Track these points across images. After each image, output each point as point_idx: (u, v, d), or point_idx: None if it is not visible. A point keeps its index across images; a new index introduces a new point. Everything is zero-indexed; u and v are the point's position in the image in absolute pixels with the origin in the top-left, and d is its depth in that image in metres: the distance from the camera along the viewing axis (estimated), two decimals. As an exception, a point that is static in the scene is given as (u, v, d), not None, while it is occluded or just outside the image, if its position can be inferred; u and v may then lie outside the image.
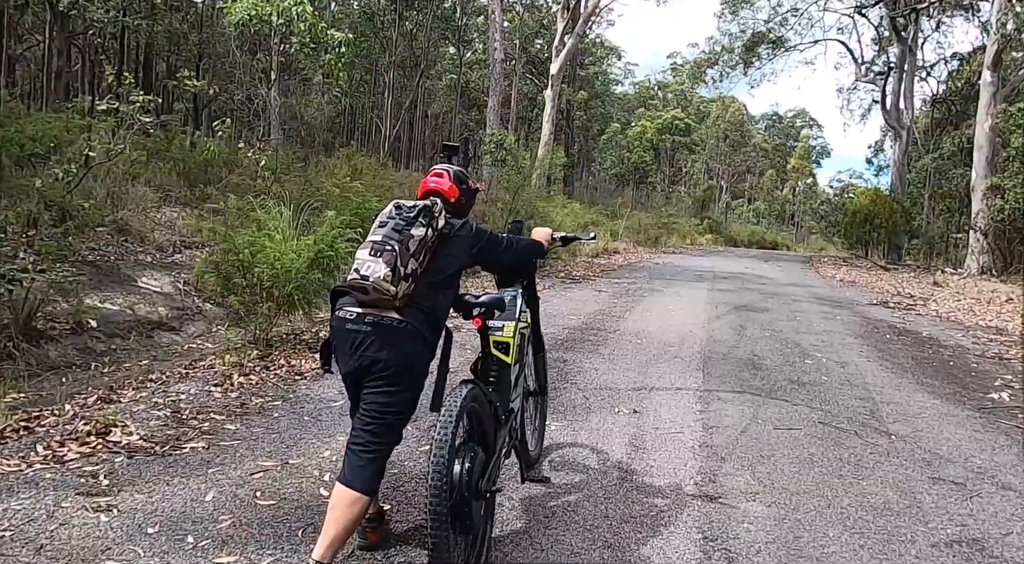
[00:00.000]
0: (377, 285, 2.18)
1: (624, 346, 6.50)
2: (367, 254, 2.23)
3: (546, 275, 12.00)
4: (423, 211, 2.33)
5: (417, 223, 2.30)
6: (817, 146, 72.29)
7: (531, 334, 3.22)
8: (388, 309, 2.26)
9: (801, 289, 12.38)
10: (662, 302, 9.53)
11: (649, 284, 11.67)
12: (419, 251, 2.28)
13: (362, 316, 2.26)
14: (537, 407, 3.49)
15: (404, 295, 2.24)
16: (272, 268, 5.54)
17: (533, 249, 3.02)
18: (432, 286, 2.35)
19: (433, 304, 2.35)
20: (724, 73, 36.73)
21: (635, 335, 7.07)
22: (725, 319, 8.31)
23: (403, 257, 2.22)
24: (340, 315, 2.31)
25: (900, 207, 28.97)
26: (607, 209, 29.19)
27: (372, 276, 2.18)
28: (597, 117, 53.52)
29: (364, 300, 2.27)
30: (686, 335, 7.17)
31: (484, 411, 2.49)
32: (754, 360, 6.17)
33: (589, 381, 5.18)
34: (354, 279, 2.22)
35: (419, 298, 2.30)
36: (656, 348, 6.47)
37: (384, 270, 2.18)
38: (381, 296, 2.22)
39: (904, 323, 9.01)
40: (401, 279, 2.22)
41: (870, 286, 13.97)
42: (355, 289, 2.25)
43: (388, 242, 2.23)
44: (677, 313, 8.60)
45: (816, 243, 58.35)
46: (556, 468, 3.51)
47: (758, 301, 10.15)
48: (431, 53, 42.19)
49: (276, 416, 4.04)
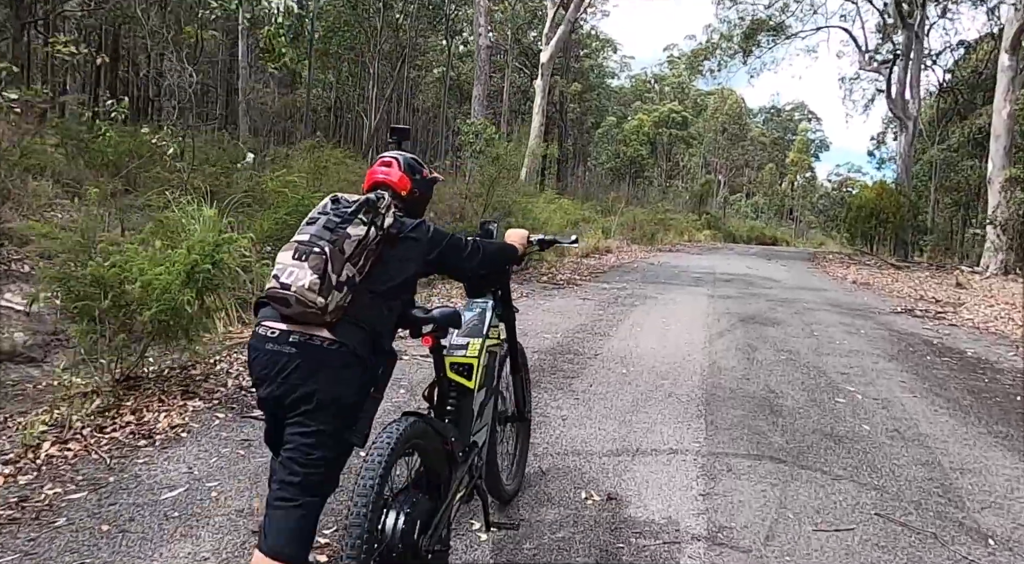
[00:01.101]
0: (301, 296, 1.79)
1: (605, 379, 5.13)
2: (290, 257, 1.85)
3: (526, 280, 10.64)
4: (365, 205, 1.95)
5: (356, 220, 1.91)
6: (816, 139, 71.22)
7: (506, 352, 2.80)
8: (318, 326, 1.85)
9: (812, 294, 11.01)
10: (656, 314, 8.16)
11: (642, 289, 10.30)
12: (357, 254, 1.90)
13: (286, 334, 1.86)
14: (518, 436, 3.07)
15: (337, 308, 1.85)
16: (142, 286, 4.18)
17: (504, 255, 2.58)
18: (375, 297, 1.96)
19: (375, 320, 1.95)
20: (722, 62, 35.38)
21: (620, 361, 5.70)
22: (730, 336, 6.94)
23: (335, 262, 1.84)
24: (259, 332, 1.90)
25: (908, 201, 27.69)
26: (600, 205, 27.84)
27: (295, 285, 1.80)
28: (592, 110, 52.32)
29: (287, 314, 1.86)
30: (683, 361, 5.80)
31: (432, 449, 2.09)
32: (771, 399, 4.80)
33: (552, 439, 3.81)
34: (273, 288, 1.83)
35: (357, 312, 1.90)
36: (646, 381, 5.10)
37: (310, 278, 1.80)
38: (306, 309, 1.81)
39: (940, 338, 7.65)
40: (333, 288, 1.82)
41: (887, 289, 12.61)
42: (275, 300, 1.85)
43: (317, 243, 1.84)
44: (673, 329, 7.23)
45: (815, 238, 57.21)
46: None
47: (766, 310, 8.78)
48: (418, 42, 40.84)
49: (59, 525, 2.66)
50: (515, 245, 2.64)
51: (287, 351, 1.84)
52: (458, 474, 2.23)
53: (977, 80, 33.11)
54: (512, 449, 3.05)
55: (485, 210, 10.41)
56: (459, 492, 2.25)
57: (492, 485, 2.72)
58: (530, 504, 3.01)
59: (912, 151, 29.41)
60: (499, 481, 2.78)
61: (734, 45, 33.89)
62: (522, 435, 3.10)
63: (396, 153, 2.28)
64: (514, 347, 2.89)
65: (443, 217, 11.42)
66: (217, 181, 8.86)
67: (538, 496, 3.10)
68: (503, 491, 2.84)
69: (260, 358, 1.87)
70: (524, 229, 2.75)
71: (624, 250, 18.41)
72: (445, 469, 2.15)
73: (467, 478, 2.32)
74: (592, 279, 11.49)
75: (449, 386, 2.34)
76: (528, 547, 2.66)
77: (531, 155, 24.01)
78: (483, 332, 2.48)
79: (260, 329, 1.90)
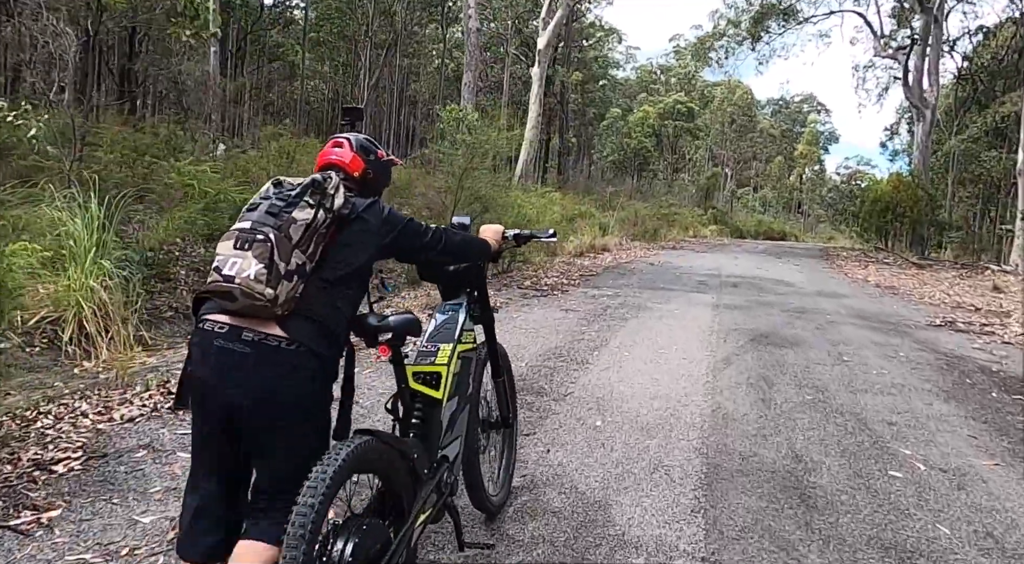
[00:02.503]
0: (247, 287, 1.61)
1: (569, 439, 3.75)
2: (231, 247, 1.66)
3: (505, 285, 9.28)
4: (311, 187, 1.77)
5: (301, 203, 1.73)
6: (825, 132, 69.62)
7: (485, 357, 2.60)
8: (267, 321, 1.68)
9: (833, 302, 9.59)
10: (649, 331, 6.77)
11: (636, 297, 8.90)
12: (305, 240, 1.72)
13: (236, 329, 1.67)
14: (504, 443, 2.91)
15: (288, 299, 1.67)
16: None
17: (472, 248, 2.35)
18: (327, 286, 1.77)
19: (328, 311, 1.76)
20: (730, 50, 33.80)
21: (596, 406, 4.32)
22: (739, 364, 5.55)
23: (282, 249, 1.66)
24: (205, 327, 1.70)
25: (926, 194, 26.17)
26: (600, 199, 26.42)
27: (239, 276, 1.62)
28: (596, 102, 50.89)
29: (233, 309, 1.67)
30: (679, 404, 4.42)
31: (393, 468, 1.88)
32: (798, 474, 3.42)
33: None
34: (215, 281, 1.65)
35: (308, 303, 1.72)
36: (625, 443, 3.72)
37: (255, 267, 1.62)
38: (254, 302, 1.62)
39: (998, 362, 6.23)
40: (282, 278, 1.65)
41: (915, 293, 11.17)
42: (218, 295, 1.66)
43: (260, 230, 1.66)
44: (668, 353, 5.84)
45: (825, 232, 55.62)
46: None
47: (782, 325, 7.37)
48: (414, 31, 39.44)
49: None
50: (487, 240, 2.48)
51: (240, 350, 1.67)
52: (423, 493, 2.04)
53: (997, 67, 31.52)
54: (497, 458, 2.90)
55: (456, 205, 9.02)
56: (424, 512, 2.06)
57: (477, 498, 2.60)
58: None
59: (930, 141, 27.89)
60: (484, 493, 2.60)
61: (742, 31, 32.31)
62: (508, 442, 2.95)
63: (349, 134, 2.11)
64: (494, 350, 2.71)
65: (419, 213, 10.09)
66: (132, 172, 7.55)
67: None
68: (489, 503, 2.66)
69: (208, 358, 1.69)
70: (499, 224, 2.64)
71: (623, 248, 17.00)
72: (409, 489, 1.97)
73: (434, 497, 2.15)
74: (582, 283, 10.10)
75: (413, 397, 2.15)
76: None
77: (529, 146, 22.69)
78: (455, 336, 2.32)
79: (205, 325, 1.71)
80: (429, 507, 2.10)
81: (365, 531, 1.73)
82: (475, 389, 2.49)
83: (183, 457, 3.27)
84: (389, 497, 1.93)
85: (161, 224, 6.28)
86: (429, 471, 2.11)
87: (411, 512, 1.96)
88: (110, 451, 3.31)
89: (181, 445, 3.41)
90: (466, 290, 2.54)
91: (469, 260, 2.44)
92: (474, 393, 2.49)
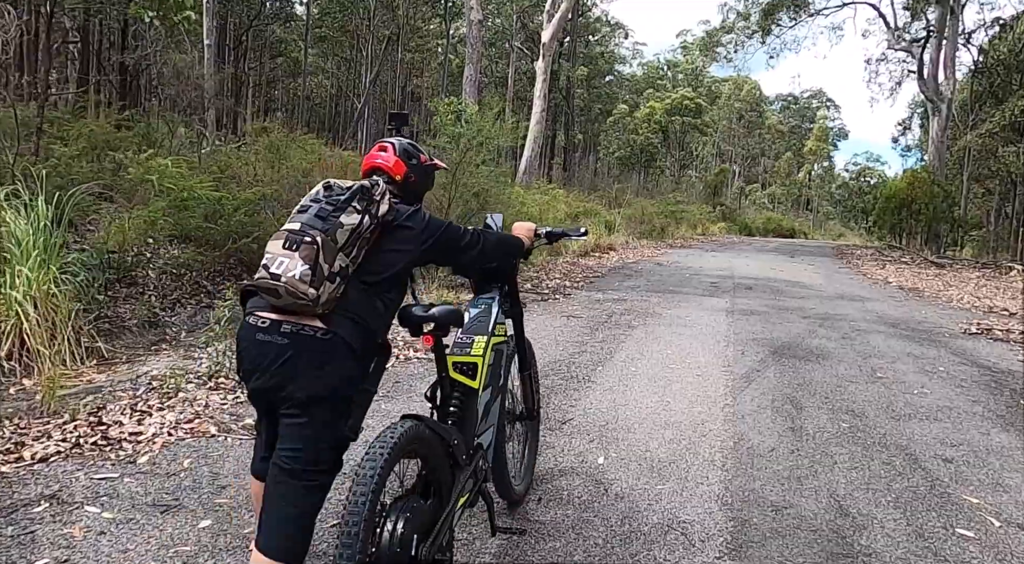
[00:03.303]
0: (292, 287, 1.68)
1: (568, 481, 3.12)
2: (280, 247, 1.74)
3: (503, 288, 8.60)
4: (358, 192, 1.85)
5: (349, 208, 1.81)
6: (834, 128, 68.68)
7: (514, 350, 2.70)
8: (309, 316, 1.74)
9: (856, 306, 8.93)
10: (659, 342, 6.14)
11: (644, 302, 8.27)
12: (350, 244, 1.79)
13: (277, 324, 1.76)
14: (527, 435, 3.00)
15: (329, 299, 1.74)
16: None
17: (507, 247, 2.40)
18: (368, 288, 1.86)
19: (368, 311, 1.84)
20: (739, 44, 33.04)
21: (598, 437, 3.70)
22: (761, 383, 4.91)
23: (327, 251, 1.73)
24: (249, 321, 1.80)
25: (942, 191, 25.40)
26: (606, 196, 25.76)
27: (285, 275, 1.69)
28: (602, 98, 50.17)
29: (277, 305, 1.75)
30: (695, 435, 3.79)
31: (433, 453, 1.94)
32: (846, 533, 2.77)
33: None
34: (262, 278, 1.72)
35: (349, 303, 1.80)
36: (632, 487, 3.09)
37: (301, 268, 1.69)
38: (297, 300, 1.70)
39: (1049, 378, 5.58)
40: (324, 279, 1.72)
41: (941, 296, 10.49)
42: (264, 291, 1.74)
43: (308, 232, 1.74)
44: (680, 369, 5.21)
45: (834, 229, 54.81)
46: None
47: (805, 334, 6.73)
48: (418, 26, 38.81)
49: None
50: (520, 238, 2.50)
51: (278, 341, 1.75)
52: (461, 478, 2.09)
53: (1015, 60, 30.66)
54: (521, 449, 2.96)
55: (451, 203, 8.39)
56: (462, 496, 2.11)
57: (502, 487, 2.66)
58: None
59: (945, 136, 27.13)
60: (508, 482, 2.67)
61: (752, 24, 31.55)
62: (531, 434, 3.03)
63: (393, 138, 2.16)
64: (522, 344, 2.82)
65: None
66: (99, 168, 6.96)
67: None
68: (513, 492, 2.73)
69: (251, 349, 1.80)
70: (530, 222, 2.66)
71: (629, 248, 16.35)
72: (448, 473, 2.02)
73: (471, 482, 2.20)
74: (586, 286, 9.48)
75: (452, 386, 2.21)
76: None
77: (533, 142, 22.05)
78: (489, 329, 2.37)
79: (250, 319, 1.82)
80: (467, 492, 2.15)
81: (413, 510, 1.81)
82: (504, 380, 2.54)
83: (91, 512, 2.67)
84: (430, 480, 1.97)
85: (120, 224, 5.69)
86: (467, 457, 2.15)
87: (452, 495, 2.02)
88: (3, 504, 2.72)
89: (93, 495, 2.81)
90: (497, 285, 2.59)
91: (504, 259, 2.49)
92: (504, 384, 2.54)
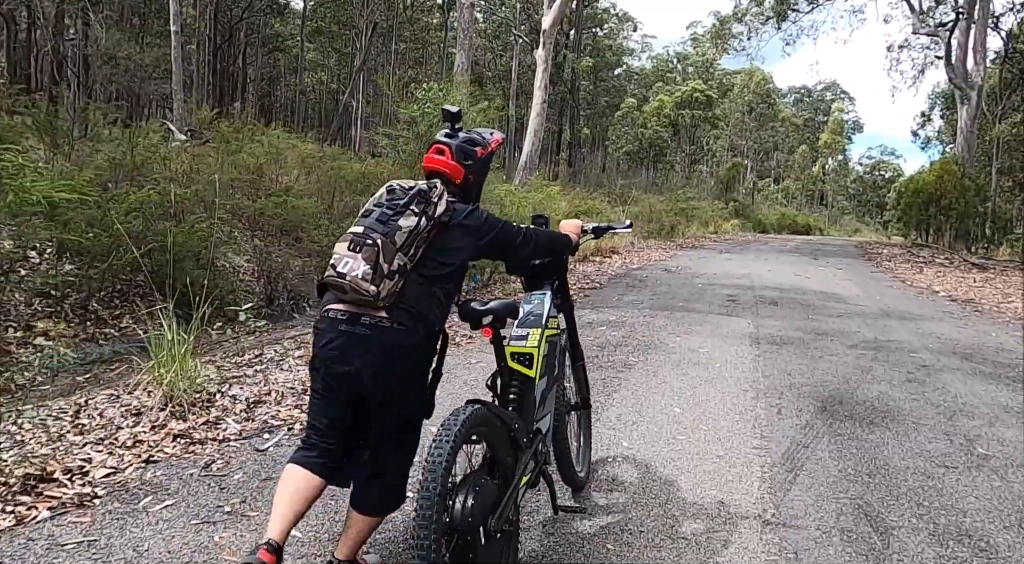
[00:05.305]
0: (355, 285, 1.90)
1: None
2: (345, 248, 1.95)
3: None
4: (416, 196, 2.04)
5: (407, 212, 2.00)
6: (849, 121, 66.56)
7: (566, 342, 2.81)
8: (378, 309, 1.96)
9: (908, 327, 7.27)
10: (662, 391, 4.55)
11: (647, 325, 6.67)
12: (408, 244, 1.98)
13: (355, 316, 1.98)
14: (580, 423, 3.07)
15: (389, 294, 1.94)
16: None
17: (557, 244, 2.59)
18: (427, 283, 2.03)
19: (426, 305, 2.02)
20: (753, 30, 31.19)
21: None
22: (813, 474, 3.31)
23: (387, 252, 1.93)
24: (329, 315, 2.01)
25: (973, 185, 23.58)
26: (612, 193, 24.12)
27: (349, 274, 1.91)
28: (610, 90, 48.49)
29: (344, 299, 1.99)
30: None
31: (497, 435, 2.10)
32: None
33: None
34: (331, 277, 1.96)
35: (409, 297, 1.99)
36: None
37: (363, 268, 1.91)
38: (360, 296, 1.92)
39: None
40: (384, 277, 1.92)
41: (1007, 310, 8.81)
42: (333, 287, 1.99)
43: (370, 235, 1.94)
44: (692, 441, 3.62)
45: (849, 225, 52.80)
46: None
47: (858, 376, 5.11)
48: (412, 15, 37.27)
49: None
50: (569, 234, 2.66)
51: (360, 332, 1.95)
52: (523, 460, 2.23)
53: (1047, 45, 28.74)
54: (577, 437, 3.02)
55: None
56: (524, 477, 2.25)
57: (566, 473, 2.79)
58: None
59: (975, 126, 25.26)
60: (572, 468, 2.80)
61: (766, 9, 29.73)
62: (584, 423, 3.10)
63: (449, 140, 2.24)
64: (574, 337, 2.92)
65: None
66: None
67: None
68: (576, 478, 2.85)
69: (335, 339, 1.97)
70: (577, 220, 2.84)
71: (634, 250, 14.73)
72: (510, 455, 2.16)
73: (532, 464, 2.32)
74: (579, 301, 7.88)
75: (511, 375, 2.33)
76: None
77: (534, 136, 20.46)
78: (543, 322, 2.48)
79: (329, 313, 2.00)
80: (528, 472, 2.28)
81: (481, 488, 1.96)
82: (560, 371, 2.65)
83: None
84: (495, 461, 2.10)
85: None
86: (527, 441, 2.27)
87: (514, 475, 2.15)
88: None
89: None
90: (548, 281, 2.68)
91: (554, 255, 2.62)
92: (559, 374, 2.65)
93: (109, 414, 3.70)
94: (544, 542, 2.59)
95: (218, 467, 3.11)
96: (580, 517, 2.76)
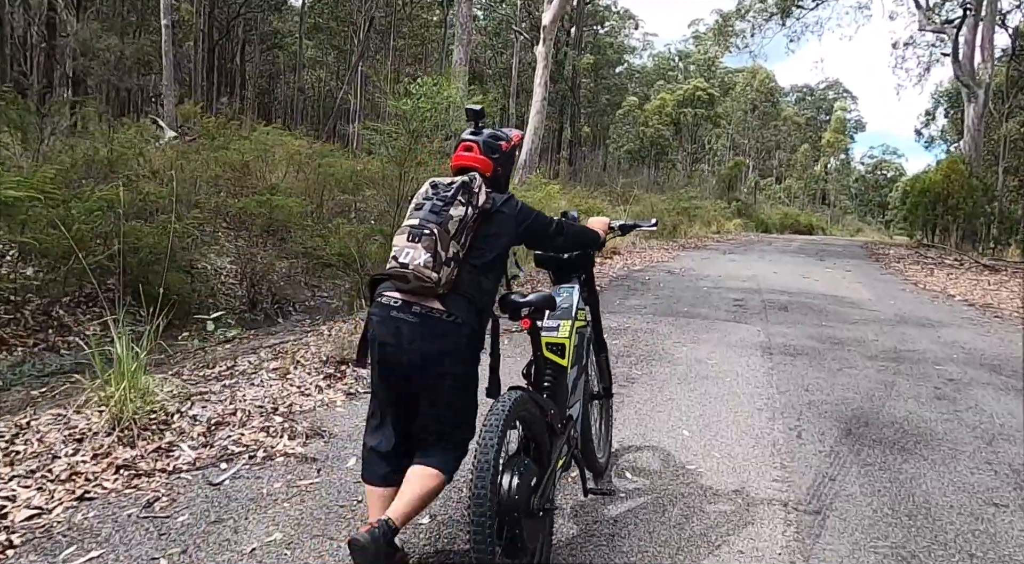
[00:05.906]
0: (418, 273, 2.02)
1: None
2: (404, 240, 2.07)
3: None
4: (461, 188, 2.15)
5: (456, 202, 2.12)
6: (851, 120, 66.07)
7: (591, 333, 2.93)
8: (431, 298, 2.09)
9: (929, 335, 6.87)
10: (667, 412, 4.15)
11: (650, 332, 6.27)
12: (460, 232, 2.11)
13: (407, 304, 2.09)
14: (602, 411, 3.17)
15: (448, 281, 2.08)
16: None
17: (586, 237, 2.71)
18: (475, 270, 2.16)
19: (478, 290, 2.15)
20: (757, 27, 30.75)
21: None
22: (846, 517, 2.90)
23: (443, 241, 2.06)
24: (383, 301, 2.13)
25: (981, 184, 23.16)
26: (613, 192, 23.69)
27: (412, 263, 2.03)
28: (611, 88, 48.03)
29: (406, 289, 2.10)
30: None
31: (536, 420, 2.23)
32: None
33: None
34: (393, 267, 2.07)
35: (462, 284, 2.12)
36: None
37: (424, 256, 2.03)
38: (423, 284, 2.05)
39: None
40: (443, 264, 2.05)
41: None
42: (395, 278, 2.09)
43: (426, 225, 2.07)
44: (701, 478, 3.21)
45: (852, 225, 52.34)
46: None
47: (881, 392, 4.70)
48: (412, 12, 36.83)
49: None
50: (596, 230, 2.78)
51: (411, 320, 2.07)
52: (558, 443, 2.35)
53: (1054, 43, 28.30)
54: (599, 424, 3.10)
55: (398, 207, 6.40)
56: (559, 460, 2.35)
57: (588, 458, 2.83)
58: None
59: (983, 125, 24.83)
60: (594, 454, 2.92)
61: (770, 6, 29.28)
62: (606, 411, 3.18)
63: (475, 137, 2.31)
64: (598, 328, 3.02)
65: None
66: None
67: None
68: (597, 463, 2.95)
69: (386, 325, 2.10)
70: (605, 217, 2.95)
71: (636, 250, 14.32)
72: (546, 439, 2.26)
73: (566, 448, 2.44)
74: (578, 306, 7.45)
75: (545, 364, 2.44)
76: None
77: (533, 134, 20.04)
78: (572, 314, 2.59)
79: (383, 300, 2.12)
80: (563, 456, 2.40)
81: (524, 468, 2.09)
82: (587, 361, 2.78)
83: None
84: (534, 444, 2.21)
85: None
86: (561, 426, 2.41)
87: (551, 458, 2.27)
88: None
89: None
90: (576, 275, 2.83)
91: (583, 247, 2.77)
92: (587, 364, 2.78)
93: (50, 439, 3.30)
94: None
95: (162, 506, 2.71)
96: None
